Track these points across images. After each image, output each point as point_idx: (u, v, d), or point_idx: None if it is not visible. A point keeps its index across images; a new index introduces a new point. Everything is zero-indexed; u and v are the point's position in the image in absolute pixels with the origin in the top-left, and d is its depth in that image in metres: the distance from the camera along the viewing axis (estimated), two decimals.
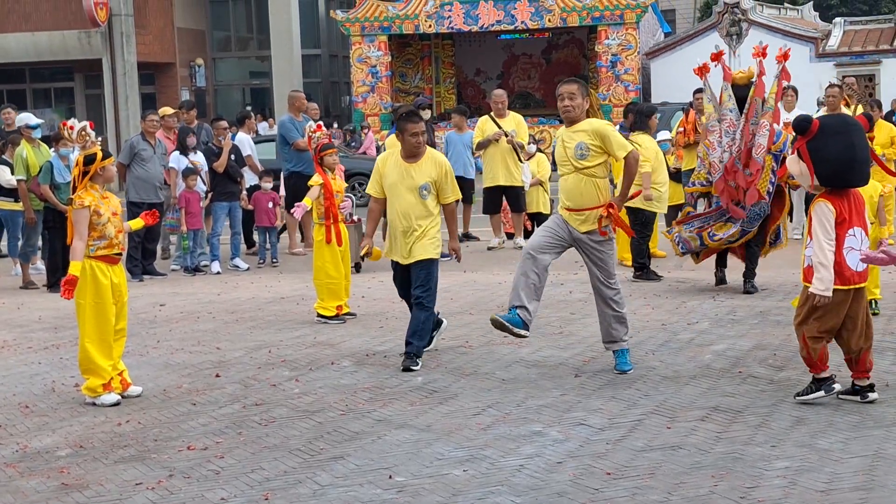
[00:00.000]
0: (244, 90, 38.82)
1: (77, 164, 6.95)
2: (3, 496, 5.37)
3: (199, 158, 12.86)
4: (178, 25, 34.69)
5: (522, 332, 7.12)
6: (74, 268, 6.69)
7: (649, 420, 6.21)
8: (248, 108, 30.64)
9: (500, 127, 13.17)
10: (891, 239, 8.95)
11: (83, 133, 6.98)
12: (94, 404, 6.81)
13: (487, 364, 7.88)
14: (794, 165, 6.20)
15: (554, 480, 5.35)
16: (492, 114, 13.61)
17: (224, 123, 13.45)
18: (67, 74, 33.59)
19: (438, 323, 8.11)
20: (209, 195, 12.71)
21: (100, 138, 7.36)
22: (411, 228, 7.51)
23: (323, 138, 9.80)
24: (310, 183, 9.44)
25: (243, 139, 14.12)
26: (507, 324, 7.02)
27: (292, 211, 9.76)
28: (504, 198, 13.84)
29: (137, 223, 7.53)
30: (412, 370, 7.35)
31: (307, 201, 9.22)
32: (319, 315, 9.28)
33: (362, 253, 7.92)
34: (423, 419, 6.53)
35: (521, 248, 12.17)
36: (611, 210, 6.92)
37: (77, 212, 6.81)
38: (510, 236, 14.62)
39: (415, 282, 7.57)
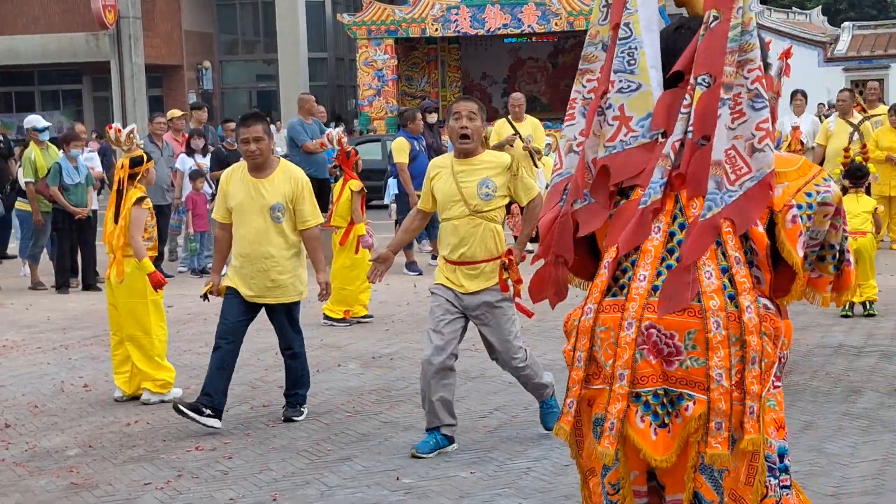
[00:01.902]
0: (251, 93, 39.23)
1: (122, 167, 7.16)
2: (12, 495, 5.44)
3: (205, 161, 12.98)
4: (186, 28, 35.19)
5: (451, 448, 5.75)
6: (148, 264, 6.88)
7: None
8: (255, 110, 30.50)
9: (516, 131, 13.16)
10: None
11: (131, 136, 7.29)
12: (161, 402, 6.89)
13: (494, 367, 7.88)
14: None
15: (561, 483, 5.36)
16: (509, 116, 13.59)
17: (233, 125, 13.56)
18: (75, 76, 34.17)
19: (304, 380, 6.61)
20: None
21: (142, 141, 7.66)
22: (262, 258, 6.20)
23: (348, 145, 9.89)
24: (352, 188, 9.33)
25: None
26: (422, 456, 5.59)
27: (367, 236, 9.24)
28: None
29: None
30: (295, 420, 6.35)
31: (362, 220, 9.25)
32: (326, 317, 9.32)
33: (204, 291, 6.55)
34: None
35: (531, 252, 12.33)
36: (510, 258, 5.60)
37: (141, 211, 7.04)
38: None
39: (278, 332, 6.44)
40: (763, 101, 3.04)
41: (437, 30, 28.88)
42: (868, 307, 8.63)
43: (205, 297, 6.52)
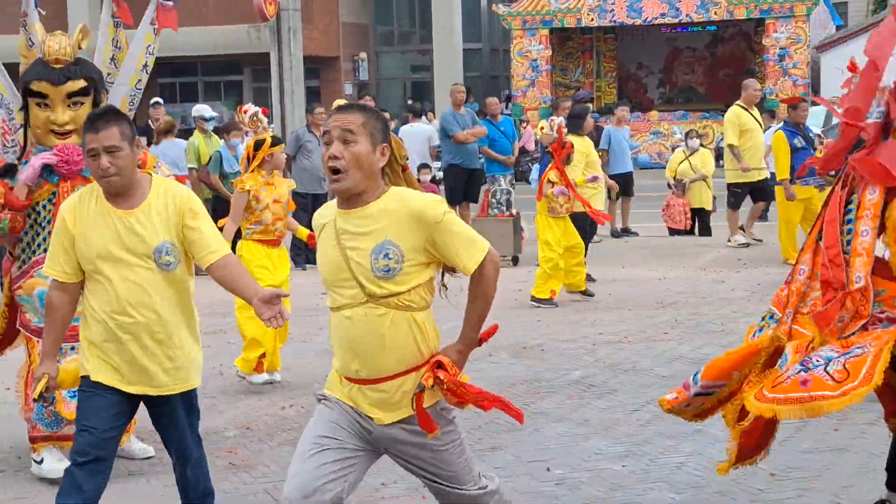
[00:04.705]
0: (405, 84, 39.98)
1: (247, 149, 7.26)
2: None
3: None
4: (343, 20, 35.94)
5: None
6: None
7: (816, 422, 6.14)
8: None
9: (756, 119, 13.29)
10: None
11: (255, 118, 7.34)
12: (243, 379, 7.14)
13: (646, 360, 8.01)
14: None
15: (715, 479, 5.31)
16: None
17: (386, 115, 14.37)
18: (236, 68, 35.41)
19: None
20: None
21: (271, 126, 7.70)
22: (150, 331, 4.10)
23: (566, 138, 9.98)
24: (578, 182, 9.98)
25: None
26: None
27: None
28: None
29: (303, 232, 7.65)
30: None
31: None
32: (533, 298, 10.06)
33: (38, 390, 4.19)
34: (581, 413, 6.66)
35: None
36: (440, 374, 3.41)
37: (237, 195, 7.07)
38: (678, 232, 14.93)
39: (171, 434, 4.29)
40: None
41: (592, 20, 28.88)
42: None
43: (38, 397, 4.31)
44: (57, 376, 4.21)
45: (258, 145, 7.11)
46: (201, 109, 13.22)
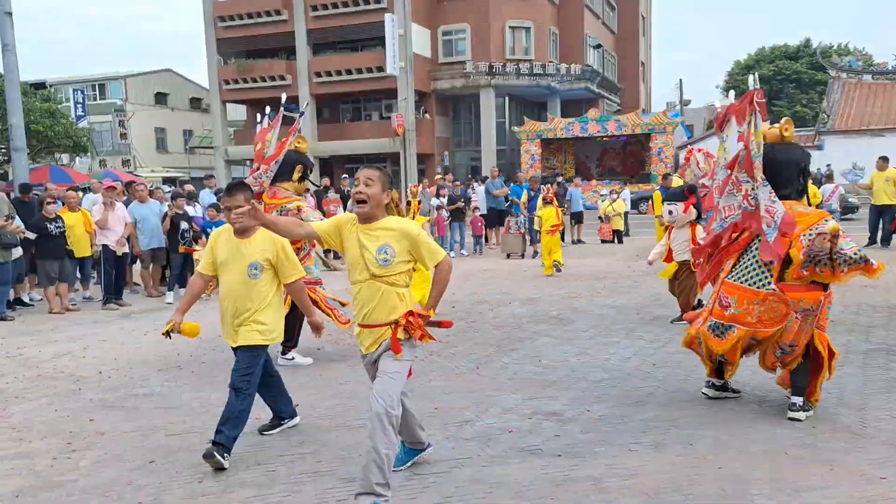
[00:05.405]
0: (468, 167, 54.20)
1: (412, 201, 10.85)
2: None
3: None
4: (437, 135, 53.61)
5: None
6: None
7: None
8: (470, 176, 46.28)
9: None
10: None
11: (417, 189, 12.14)
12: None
13: (590, 306, 12.23)
14: None
15: (628, 364, 8.18)
16: None
17: None
18: (382, 160, 52.16)
19: (292, 415, 7.02)
20: None
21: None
22: (237, 311, 6.26)
23: None
24: None
25: None
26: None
27: None
28: None
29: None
30: (217, 463, 6.01)
31: None
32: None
33: (166, 329, 6.34)
34: (557, 332, 10.19)
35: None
36: (411, 319, 5.20)
37: None
38: (605, 241, 24.53)
39: (236, 366, 6.24)
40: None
41: (562, 135, 49.90)
42: None
43: (166, 334, 6.33)
44: (181, 324, 6.27)
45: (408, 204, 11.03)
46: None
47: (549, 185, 19.35)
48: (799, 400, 6.77)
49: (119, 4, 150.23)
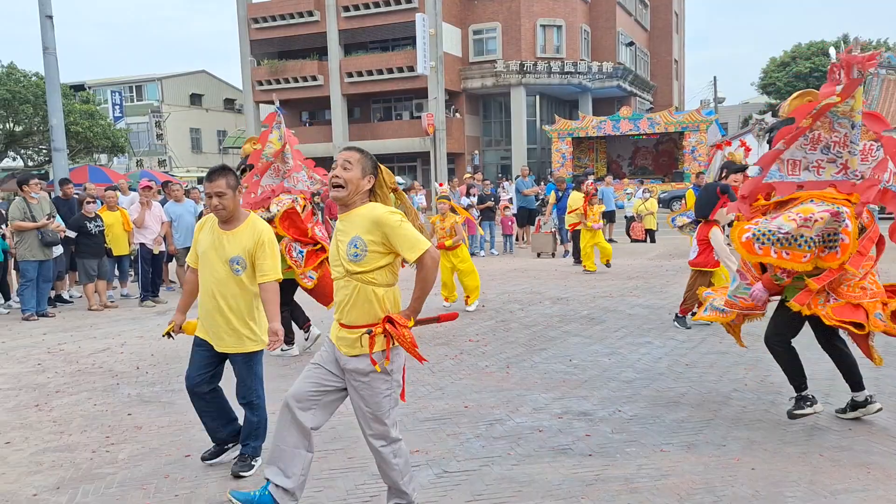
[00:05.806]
0: (498, 166, 55.76)
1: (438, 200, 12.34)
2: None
3: None
4: (467, 134, 54.23)
5: None
6: None
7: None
8: (499, 175, 51.23)
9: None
10: None
11: (446, 187, 11.62)
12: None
13: (621, 306, 12.43)
14: None
15: (660, 364, 8.01)
16: None
17: None
18: (413, 158, 54.94)
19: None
20: None
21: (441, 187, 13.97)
22: (219, 309, 5.77)
23: None
24: None
25: None
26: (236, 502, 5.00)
27: None
28: None
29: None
30: (242, 476, 5.89)
31: None
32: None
33: (167, 330, 6.04)
34: (587, 332, 10.16)
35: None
36: (388, 326, 4.54)
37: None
38: (637, 241, 24.71)
39: (237, 378, 5.94)
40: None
41: (593, 133, 49.61)
42: None
43: (167, 335, 6.06)
44: (182, 324, 6.03)
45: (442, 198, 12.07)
46: (397, 180, 18.97)
47: (586, 181, 18.58)
48: (861, 396, 6.71)
49: (148, 6, 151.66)
